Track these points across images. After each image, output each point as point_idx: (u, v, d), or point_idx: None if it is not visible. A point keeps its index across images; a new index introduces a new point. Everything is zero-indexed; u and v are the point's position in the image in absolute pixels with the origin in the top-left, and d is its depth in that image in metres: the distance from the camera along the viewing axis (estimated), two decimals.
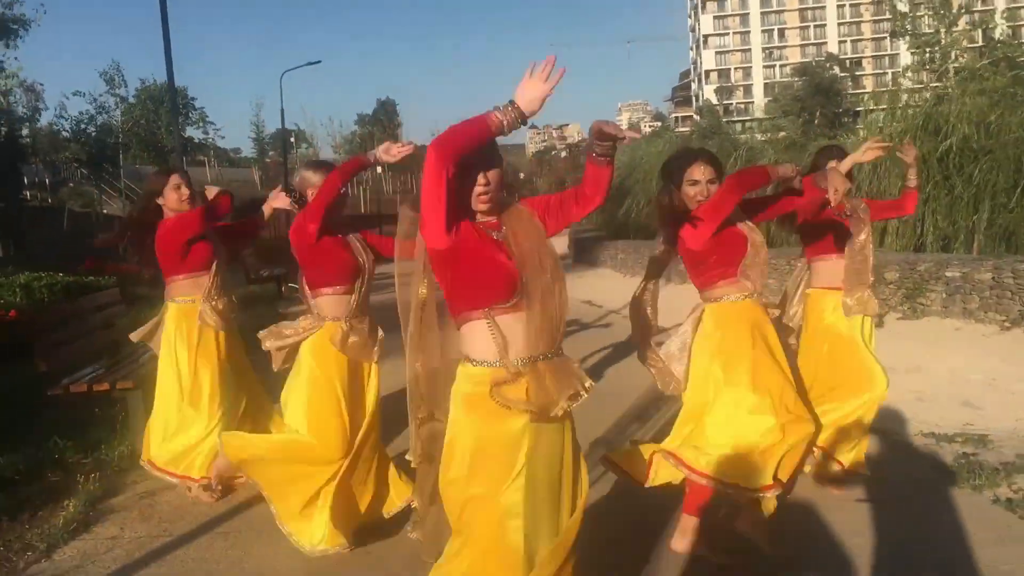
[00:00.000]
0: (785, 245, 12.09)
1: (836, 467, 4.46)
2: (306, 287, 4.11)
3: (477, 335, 2.51)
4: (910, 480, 4.69)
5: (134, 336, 5.17)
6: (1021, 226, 11.82)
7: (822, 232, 4.62)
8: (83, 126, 32.39)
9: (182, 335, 4.78)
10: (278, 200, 4.54)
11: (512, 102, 2.30)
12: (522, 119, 2.30)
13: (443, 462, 2.57)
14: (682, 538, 3.66)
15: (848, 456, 4.44)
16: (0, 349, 8.80)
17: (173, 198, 4.76)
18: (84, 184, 37.98)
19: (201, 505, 4.69)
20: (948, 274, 9.33)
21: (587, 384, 2.55)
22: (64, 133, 33.41)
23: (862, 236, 4.54)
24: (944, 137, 13.03)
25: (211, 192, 5.03)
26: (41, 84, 35.91)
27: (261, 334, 4.21)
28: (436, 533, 2.77)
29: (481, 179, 2.50)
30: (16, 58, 22.01)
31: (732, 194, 3.62)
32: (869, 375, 4.50)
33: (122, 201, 34.64)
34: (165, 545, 4.23)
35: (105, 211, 35.02)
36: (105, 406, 6.09)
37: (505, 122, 2.29)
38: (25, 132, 31.42)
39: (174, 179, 4.78)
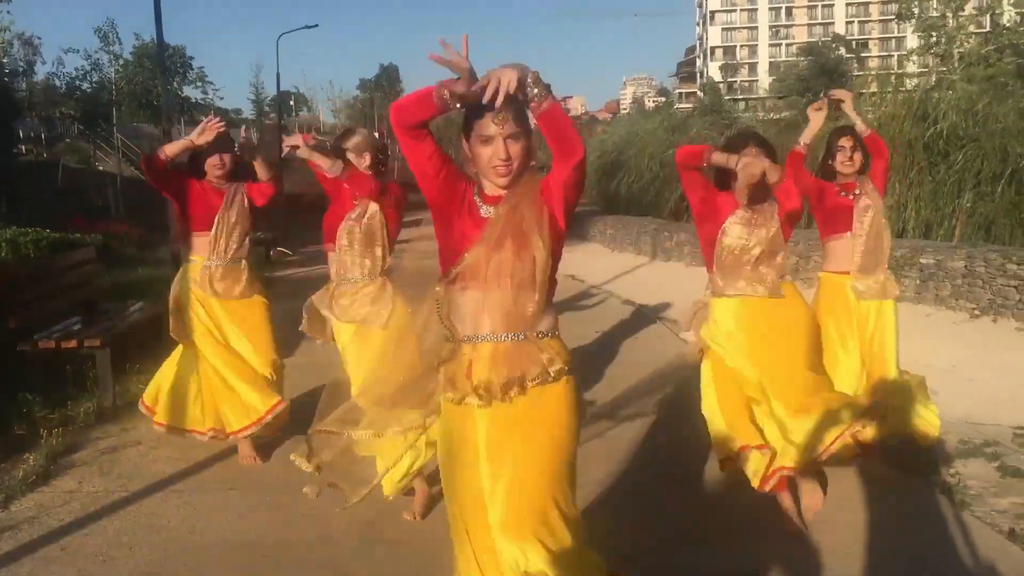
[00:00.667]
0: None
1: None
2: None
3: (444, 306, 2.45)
4: (852, 465, 4.77)
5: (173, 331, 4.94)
6: (1001, 215, 11.87)
7: (831, 212, 4.59)
8: (78, 82, 32.22)
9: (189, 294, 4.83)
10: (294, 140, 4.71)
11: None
12: (460, 100, 2.21)
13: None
14: None
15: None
16: None
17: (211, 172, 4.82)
18: (79, 140, 37.88)
19: (160, 463, 4.80)
20: (923, 261, 9.42)
21: (537, 372, 2.38)
22: (60, 88, 33.27)
23: (869, 214, 4.49)
24: (932, 123, 13.03)
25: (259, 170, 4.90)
26: (39, 37, 35.73)
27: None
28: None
29: (502, 152, 2.34)
30: (8, 11, 21.89)
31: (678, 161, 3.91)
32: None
33: (117, 158, 34.58)
34: (121, 500, 4.35)
35: (100, 167, 34.98)
36: (76, 363, 6.18)
37: (442, 100, 2.21)
38: (23, 87, 31.33)
39: (213, 160, 4.80)
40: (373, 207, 4.24)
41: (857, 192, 4.52)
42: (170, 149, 4.64)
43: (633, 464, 4.80)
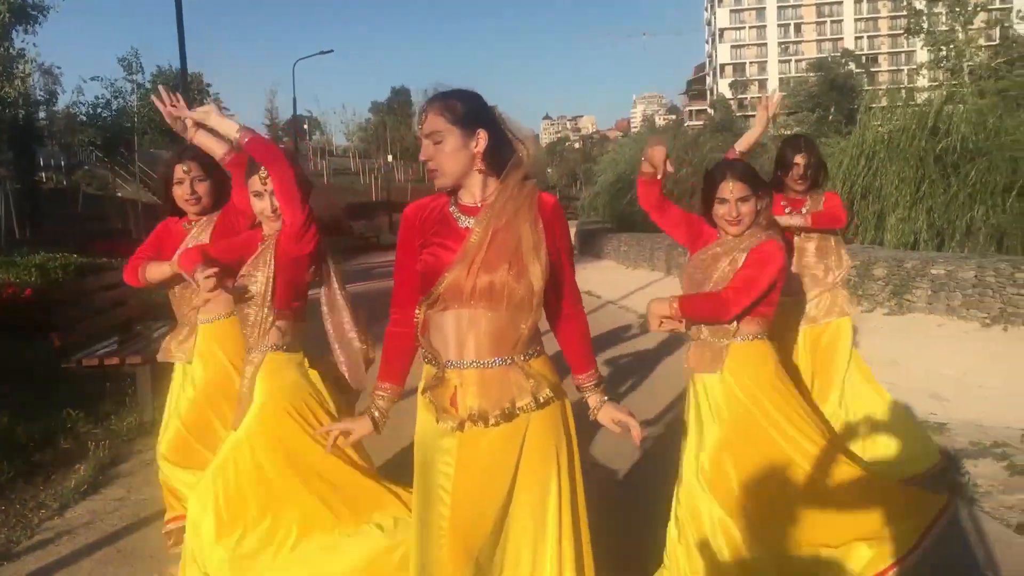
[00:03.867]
0: None
1: None
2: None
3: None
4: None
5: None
6: (1013, 227, 12.04)
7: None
8: (99, 110, 32.84)
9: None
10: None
11: None
12: None
13: None
14: None
15: None
16: (17, 326, 9.22)
17: (178, 192, 3.71)
18: (98, 167, 38.47)
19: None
20: (934, 272, 9.59)
21: (525, 400, 2.26)
22: (81, 117, 33.92)
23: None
24: (943, 137, 13.25)
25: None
26: (59, 68, 36.37)
27: None
28: None
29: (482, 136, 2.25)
30: (35, 44, 22.50)
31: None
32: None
33: (136, 185, 35.13)
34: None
35: (119, 194, 35.56)
36: (115, 380, 6.44)
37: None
38: (42, 115, 31.91)
39: (179, 169, 3.69)
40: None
41: (806, 210, 4.28)
42: (152, 274, 3.63)
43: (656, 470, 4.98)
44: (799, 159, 4.27)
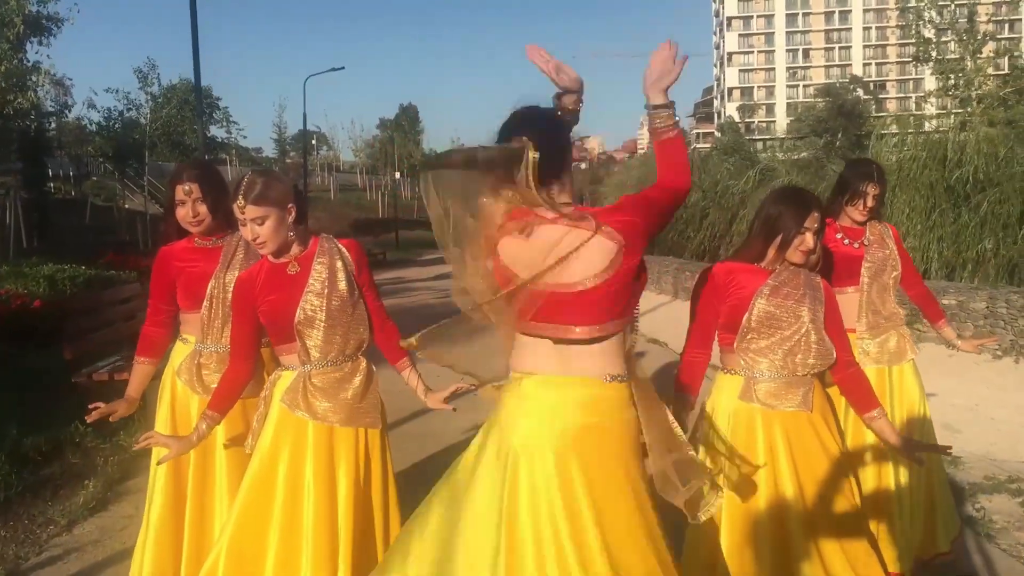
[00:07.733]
0: None
1: None
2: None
3: None
4: None
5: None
6: None
7: (833, 261, 3.71)
8: (112, 122, 33.05)
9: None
10: None
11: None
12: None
13: None
14: None
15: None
16: (26, 337, 9.23)
17: (181, 214, 3.32)
18: (107, 179, 38.66)
19: None
20: (945, 302, 9.53)
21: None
22: (90, 127, 34.15)
23: (880, 255, 3.82)
24: (955, 166, 13.23)
25: None
26: (70, 79, 36.62)
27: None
28: None
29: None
30: (48, 55, 22.65)
31: None
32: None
33: (144, 197, 35.31)
34: None
35: (127, 206, 35.74)
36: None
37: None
38: (52, 126, 32.09)
39: (179, 190, 3.28)
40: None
41: (867, 240, 3.84)
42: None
43: None
44: (872, 189, 3.76)
